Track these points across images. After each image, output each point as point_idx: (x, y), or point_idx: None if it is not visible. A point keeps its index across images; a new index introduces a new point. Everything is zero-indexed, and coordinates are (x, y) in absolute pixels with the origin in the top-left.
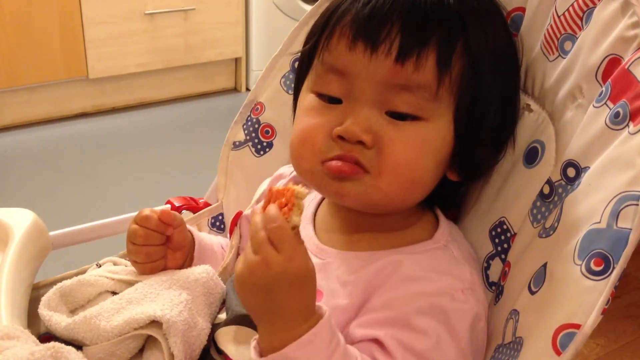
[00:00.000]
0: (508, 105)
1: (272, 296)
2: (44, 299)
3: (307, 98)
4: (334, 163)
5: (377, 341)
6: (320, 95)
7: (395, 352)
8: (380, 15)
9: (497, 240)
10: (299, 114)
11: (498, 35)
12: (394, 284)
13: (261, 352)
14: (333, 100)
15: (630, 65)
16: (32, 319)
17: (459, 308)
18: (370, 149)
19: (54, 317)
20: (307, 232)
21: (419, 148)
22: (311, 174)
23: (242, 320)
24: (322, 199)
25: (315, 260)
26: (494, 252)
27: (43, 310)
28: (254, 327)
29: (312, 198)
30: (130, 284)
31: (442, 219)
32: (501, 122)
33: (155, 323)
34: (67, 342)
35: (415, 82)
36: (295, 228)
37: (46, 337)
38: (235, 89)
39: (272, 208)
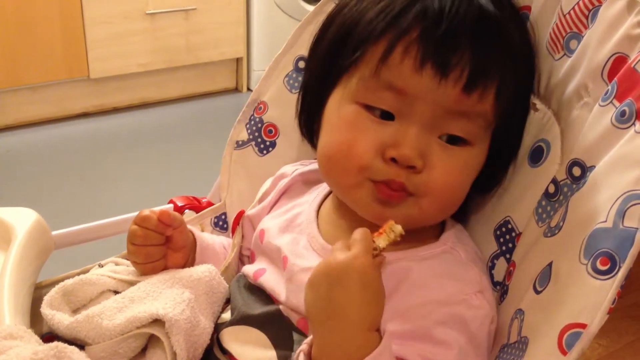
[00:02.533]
0: (525, 122)
1: (333, 292)
2: (46, 299)
3: (350, 108)
4: (384, 188)
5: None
6: (369, 108)
7: None
8: (452, 39)
9: (501, 240)
10: (339, 124)
11: (530, 69)
12: (406, 293)
13: (312, 358)
14: (385, 116)
15: (636, 64)
16: (35, 319)
17: (476, 315)
18: (419, 173)
19: (56, 316)
20: (310, 231)
21: (463, 172)
22: (354, 190)
23: (248, 320)
24: (326, 197)
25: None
26: (498, 251)
27: (45, 310)
28: (260, 327)
29: (314, 196)
30: (132, 284)
31: (448, 220)
32: (519, 139)
33: (157, 322)
34: (70, 342)
35: (475, 111)
36: (377, 250)
37: (49, 336)
38: (236, 89)
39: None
